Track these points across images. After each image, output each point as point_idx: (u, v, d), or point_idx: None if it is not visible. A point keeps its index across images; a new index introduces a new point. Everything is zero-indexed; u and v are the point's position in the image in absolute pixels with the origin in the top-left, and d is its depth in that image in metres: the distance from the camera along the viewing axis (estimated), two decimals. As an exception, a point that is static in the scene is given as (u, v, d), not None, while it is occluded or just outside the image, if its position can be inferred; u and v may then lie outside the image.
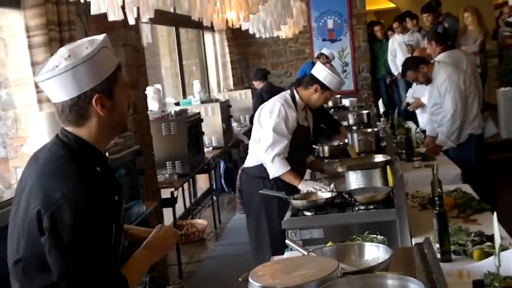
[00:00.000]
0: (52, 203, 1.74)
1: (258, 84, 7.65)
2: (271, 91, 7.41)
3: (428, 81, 5.23)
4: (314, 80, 3.95)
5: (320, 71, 3.95)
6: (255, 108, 7.36)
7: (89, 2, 3.03)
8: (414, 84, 6.72)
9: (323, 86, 3.92)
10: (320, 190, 3.52)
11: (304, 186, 3.69)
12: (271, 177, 3.86)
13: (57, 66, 1.78)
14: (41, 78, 1.80)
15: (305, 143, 4.08)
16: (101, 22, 4.48)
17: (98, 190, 1.78)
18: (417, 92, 6.51)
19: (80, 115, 1.83)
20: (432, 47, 6.27)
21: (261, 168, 3.90)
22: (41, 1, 3.70)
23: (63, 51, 1.81)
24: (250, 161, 4.07)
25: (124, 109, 1.92)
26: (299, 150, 3.95)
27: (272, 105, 3.94)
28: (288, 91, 4.04)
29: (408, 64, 5.37)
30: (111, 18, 3.04)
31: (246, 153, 4.21)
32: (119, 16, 3.05)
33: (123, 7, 3.08)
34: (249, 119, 7.51)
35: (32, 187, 1.81)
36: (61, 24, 3.96)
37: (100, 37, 1.84)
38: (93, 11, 3.03)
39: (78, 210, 1.73)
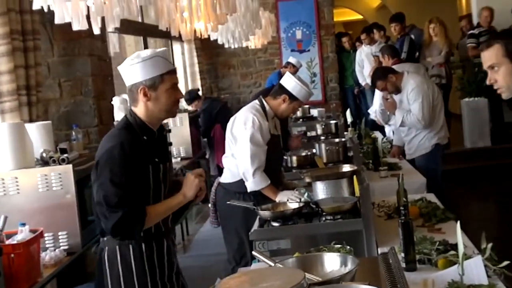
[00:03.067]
0: (100, 154, 2.55)
1: (196, 105, 7.59)
2: (214, 106, 7.42)
3: (397, 90, 5.30)
4: (282, 90, 3.94)
5: (288, 81, 3.94)
6: (204, 126, 7.38)
7: (54, 11, 2.98)
8: (375, 100, 6.88)
9: (291, 96, 3.91)
10: (294, 200, 3.48)
11: (281, 199, 3.65)
12: (249, 190, 3.82)
13: (127, 63, 2.59)
14: (119, 69, 2.63)
15: (277, 152, 4.07)
16: (66, 32, 4.45)
17: (133, 150, 2.52)
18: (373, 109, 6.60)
19: (133, 98, 2.62)
20: (385, 60, 6.40)
21: (240, 183, 3.86)
22: (4, 10, 3.64)
23: (135, 53, 2.60)
24: (227, 177, 4.01)
25: (167, 102, 2.60)
26: (273, 159, 3.93)
27: (245, 117, 3.89)
28: (257, 101, 4.01)
29: (377, 74, 5.45)
30: (75, 27, 3.00)
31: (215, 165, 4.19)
32: (84, 26, 3.01)
33: (88, 17, 3.04)
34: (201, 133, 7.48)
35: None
36: (25, 33, 3.91)
37: (161, 49, 2.65)
38: (57, 20, 2.99)
39: (112, 159, 2.50)
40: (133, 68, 2.56)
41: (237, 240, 3.99)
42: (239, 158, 3.84)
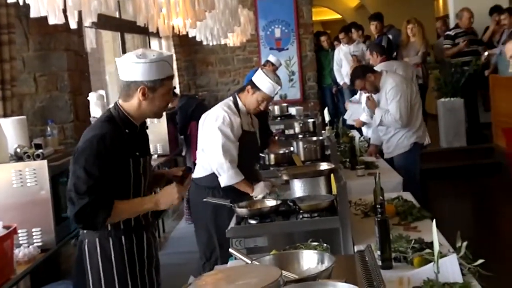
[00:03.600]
0: (81, 143, 2.59)
1: (172, 102, 7.51)
2: (190, 103, 7.40)
3: (376, 89, 5.33)
4: (249, 82, 3.96)
5: (256, 73, 3.95)
6: (181, 123, 7.34)
7: (29, 4, 2.92)
8: (350, 105, 6.94)
9: (254, 86, 3.89)
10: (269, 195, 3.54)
11: (257, 193, 3.69)
12: (223, 185, 3.81)
13: (130, 59, 2.59)
14: (118, 61, 2.65)
15: (253, 149, 4.06)
16: (42, 25, 4.38)
17: (114, 142, 2.55)
18: (354, 115, 6.66)
19: (127, 94, 2.65)
20: (373, 57, 6.45)
21: (209, 178, 3.85)
22: (-21, 3, 3.57)
23: (140, 50, 2.63)
24: (198, 171, 4.00)
25: (160, 104, 2.67)
26: (247, 156, 3.93)
27: (216, 113, 3.91)
28: (231, 98, 4.02)
29: (356, 73, 5.48)
30: (51, 21, 2.95)
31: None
32: (60, 20, 2.97)
33: (64, 11, 2.99)
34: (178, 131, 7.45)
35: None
36: (-1, 26, 3.84)
37: (167, 53, 2.71)
38: (33, 14, 2.93)
39: (91, 148, 2.53)
40: (137, 66, 2.58)
41: (206, 235, 3.99)
42: (211, 154, 3.84)
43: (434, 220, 2.45)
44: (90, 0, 3.08)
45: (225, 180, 3.80)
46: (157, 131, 6.55)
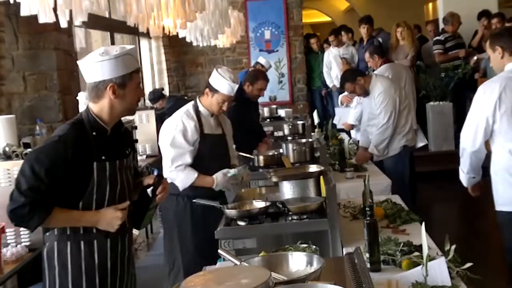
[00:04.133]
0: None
1: (161, 104, 7.54)
2: (178, 104, 7.38)
3: (365, 93, 5.35)
4: (207, 85, 3.89)
5: (212, 75, 3.85)
6: None
7: (20, 3, 2.91)
8: (338, 109, 6.98)
9: (211, 89, 3.82)
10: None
11: (220, 183, 3.74)
12: (181, 189, 3.78)
13: (93, 58, 2.49)
14: (81, 64, 2.53)
15: (220, 151, 3.96)
16: (32, 24, 4.36)
17: (75, 146, 2.45)
18: (343, 119, 6.69)
19: (97, 95, 2.54)
20: (374, 60, 6.46)
21: (172, 185, 3.75)
22: (-32, 0, 3.54)
23: (101, 49, 2.52)
24: None
25: (132, 100, 2.59)
26: (214, 158, 3.86)
27: (171, 120, 3.86)
28: (192, 102, 3.95)
29: (346, 76, 5.50)
30: (42, 20, 2.94)
31: None
32: (51, 19, 2.95)
33: (55, 9, 2.98)
34: None
35: None
36: (-12, 24, 3.82)
37: (130, 46, 2.58)
38: (23, 12, 2.92)
39: (45, 148, 2.48)
40: (102, 64, 2.47)
41: (170, 242, 3.94)
42: (164, 161, 3.82)
43: (423, 223, 2.47)
44: (81, -1, 3.06)
45: (180, 184, 3.77)
46: (146, 131, 6.53)
